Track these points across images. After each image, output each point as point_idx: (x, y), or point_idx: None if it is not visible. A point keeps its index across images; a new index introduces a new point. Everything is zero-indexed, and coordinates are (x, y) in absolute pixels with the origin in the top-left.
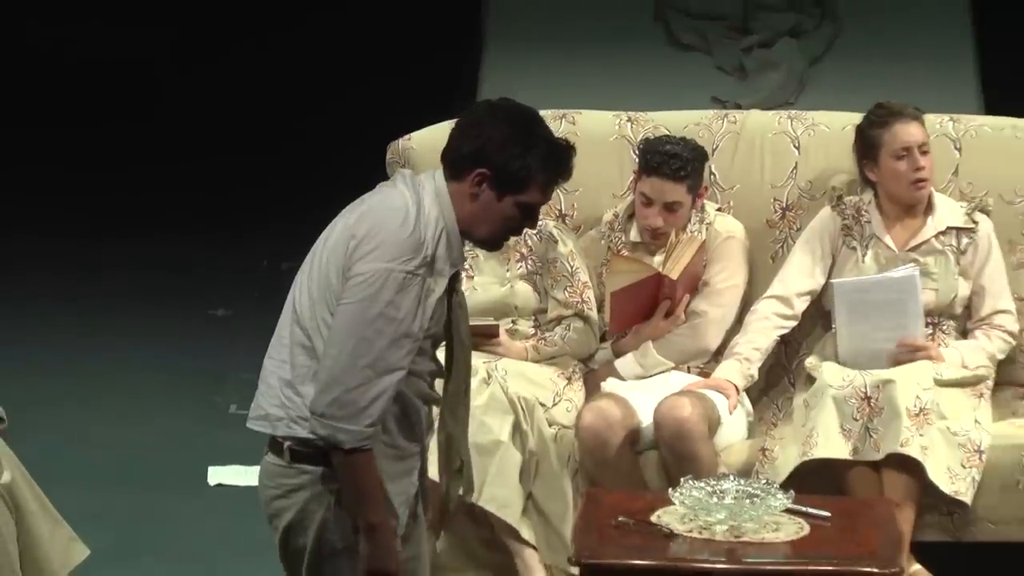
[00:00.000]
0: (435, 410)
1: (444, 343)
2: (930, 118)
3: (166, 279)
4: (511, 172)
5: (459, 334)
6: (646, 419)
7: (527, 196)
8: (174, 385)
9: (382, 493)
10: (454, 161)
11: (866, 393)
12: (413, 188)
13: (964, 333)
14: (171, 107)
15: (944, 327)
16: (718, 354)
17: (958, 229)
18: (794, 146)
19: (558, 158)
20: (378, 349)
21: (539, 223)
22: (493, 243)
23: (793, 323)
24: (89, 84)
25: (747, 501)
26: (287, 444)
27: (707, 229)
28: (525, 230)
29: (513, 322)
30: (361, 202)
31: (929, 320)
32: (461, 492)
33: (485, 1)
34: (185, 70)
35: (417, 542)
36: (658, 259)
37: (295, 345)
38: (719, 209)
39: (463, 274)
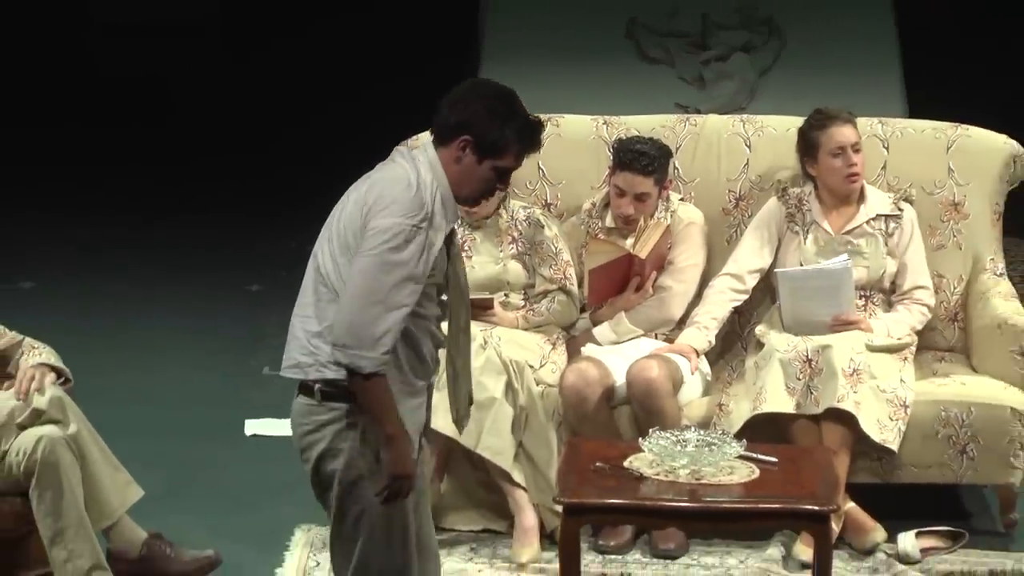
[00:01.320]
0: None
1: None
2: (862, 121)
3: (208, 259)
4: (491, 140)
5: (456, 279)
6: (620, 379)
7: (503, 161)
8: (215, 350)
9: (396, 411)
10: (442, 129)
11: (808, 356)
12: (411, 160)
13: (891, 304)
14: (210, 110)
15: (875, 299)
16: (681, 323)
17: (886, 216)
18: (746, 145)
19: (531, 131)
20: (388, 289)
21: (528, 211)
22: (472, 201)
23: (745, 296)
24: (136, 95)
25: (706, 449)
26: (317, 386)
27: (671, 216)
28: (513, 213)
29: (506, 295)
30: (367, 177)
31: (862, 293)
32: (462, 415)
33: (482, 18)
34: (215, 77)
35: (423, 467)
36: (629, 242)
37: (322, 302)
38: (682, 199)
39: (469, 254)
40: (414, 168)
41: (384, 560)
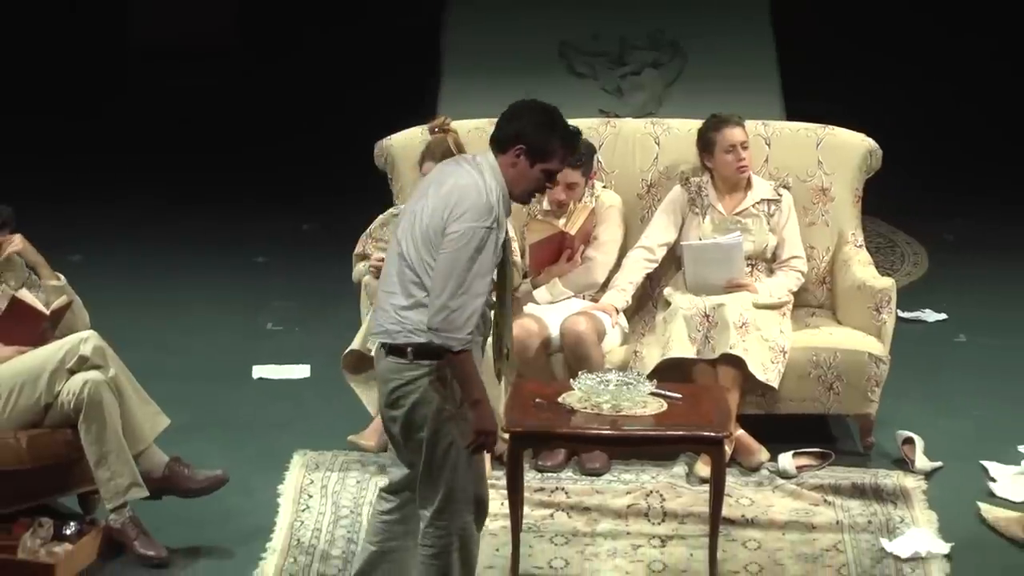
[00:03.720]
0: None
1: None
2: (749, 123)
3: (221, 236)
4: (540, 147)
5: (507, 258)
6: (555, 332)
7: (550, 164)
8: (227, 310)
9: (480, 379)
10: (501, 139)
11: (706, 313)
12: (475, 166)
13: (772, 271)
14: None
15: (759, 267)
16: (604, 286)
17: (768, 200)
18: (655, 143)
19: (572, 139)
20: (470, 282)
21: None
22: (525, 199)
23: (655, 265)
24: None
25: (624, 387)
26: (409, 348)
27: (596, 200)
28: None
29: None
30: (440, 180)
31: (749, 262)
32: (504, 366)
33: (443, 42)
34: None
35: None
36: (562, 221)
37: (406, 282)
38: (604, 186)
39: None
40: (480, 174)
41: (466, 486)
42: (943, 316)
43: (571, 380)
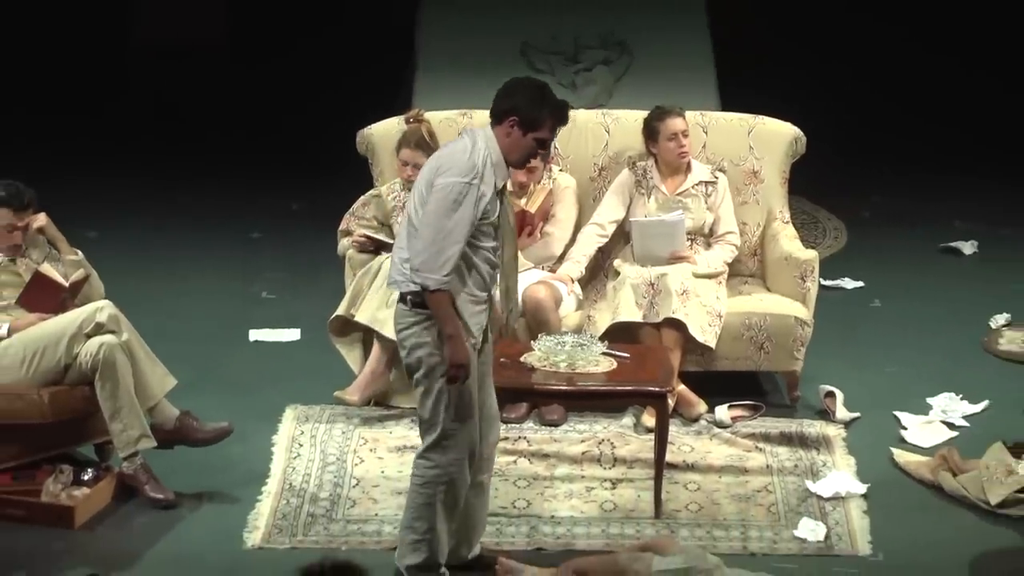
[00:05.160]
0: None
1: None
2: (690, 114)
3: (219, 214)
4: (531, 118)
5: (506, 221)
6: (518, 299)
7: (541, 133)
8: (226, 280)
9: (455, 316)
10: (497, 112)
11: (651, 281)
12: (471, 135)
13: (710, 244)
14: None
15: (698, 241)
16: (561, 259)
17: (706, 182)
18: (605, 131)
19: (560, 110)
20: (449, 229)
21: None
22: (520, 164)
23: (606, 240)
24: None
25: (579, 348)
26: (409, 296)
27: (553, 182)
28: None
29: None
30: (439, 154)
31: (689, 237)
32: (511, 319)
33: (417, 40)
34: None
35: (487, 356)
36: (523, 201)
37: (411, 238)
38: (560, 170)
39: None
40: (472, 140)
41: (457, 424)
42: (860, 284)
43: (532, 342)
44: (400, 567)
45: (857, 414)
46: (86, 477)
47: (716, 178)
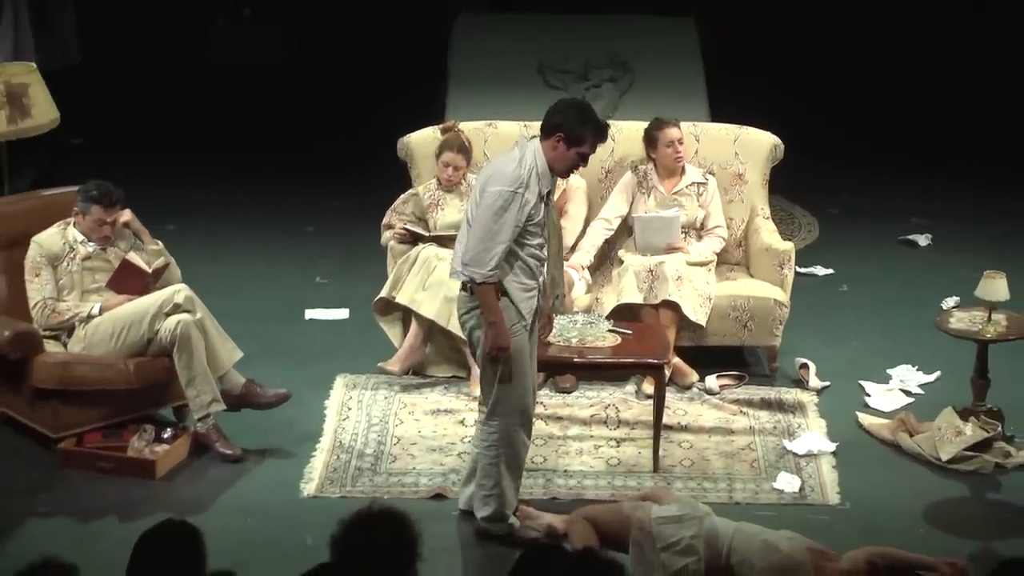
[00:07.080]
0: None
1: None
2: (684, 125)
3: (277, 210)
4: (576, 134)
5: (551, 222)
6: (564, 288)
7: (583, 148)
8: (285, 268)
9: (497, 306)
10: (546, 128)
11: (650, 268)
12: (523, 147)
13: (701, 237)
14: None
15: (691, 234)
16: (572, 249)
17: (698, 183)
18: (612, 140)
19: (601, 128)
20: (494, 231)
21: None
22: (565, 174)
23: (612, 232)
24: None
25: (588, 326)
26: (468, 285)
27: (567, 183)
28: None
29: None
30: (495, 159)
31: (684, 231)
32: (557, 304)
33: (449, 60)
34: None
35: (534, 338)
36: None
37: (466, 236)
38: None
39: (443, 208)
40: (522, 152)
41: (511, 397)
42: (831, 271)
43: None
44: (476, 517)
45: (827, 383)
46: (166, 435)
47: (707, 180)
